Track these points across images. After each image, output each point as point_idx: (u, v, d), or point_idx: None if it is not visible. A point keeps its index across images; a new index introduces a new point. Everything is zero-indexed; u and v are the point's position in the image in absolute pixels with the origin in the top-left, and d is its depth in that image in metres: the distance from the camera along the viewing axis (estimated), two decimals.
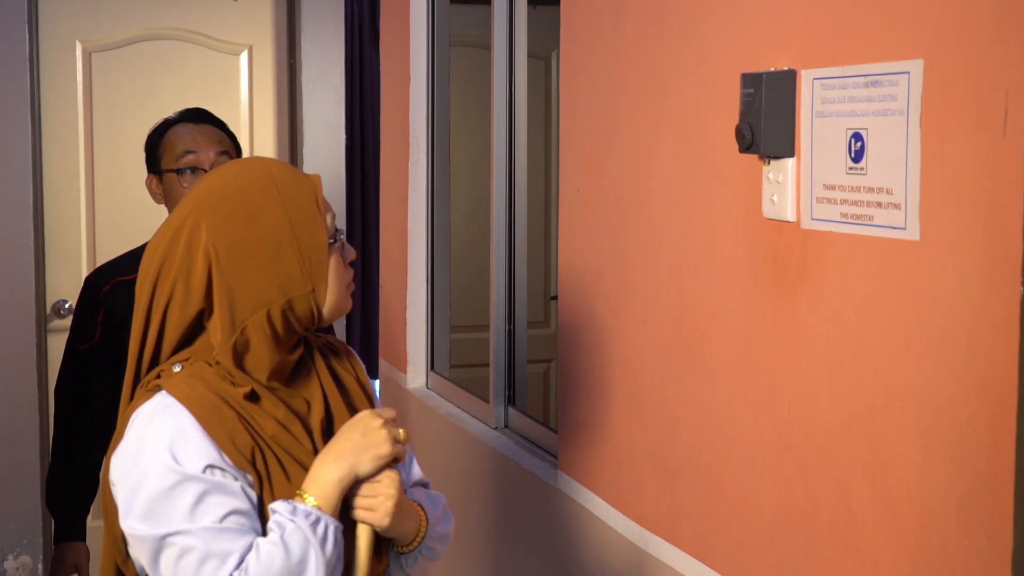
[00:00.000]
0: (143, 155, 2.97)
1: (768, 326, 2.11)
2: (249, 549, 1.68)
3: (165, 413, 1.72)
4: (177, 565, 1.67)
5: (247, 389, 1.76)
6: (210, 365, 1.77)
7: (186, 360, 1.79)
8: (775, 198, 2.06)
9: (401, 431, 1.82)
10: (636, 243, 2.59)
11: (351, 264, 1.87)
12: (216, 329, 1.76)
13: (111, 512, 1.76)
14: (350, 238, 5.10)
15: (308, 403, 1.84)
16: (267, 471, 1.75)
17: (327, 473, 1.75)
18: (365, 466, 1.77)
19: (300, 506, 1.71)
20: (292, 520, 1.70)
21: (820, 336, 1.97)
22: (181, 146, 2.86)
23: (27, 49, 4.47)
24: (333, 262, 1.82)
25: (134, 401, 1.78)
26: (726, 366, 2.25)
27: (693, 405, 2.37)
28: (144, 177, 2.92)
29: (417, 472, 2.04)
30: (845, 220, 1.90)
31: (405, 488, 1.92)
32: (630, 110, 2.60)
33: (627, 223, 2.63)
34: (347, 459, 1.76)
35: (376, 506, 1.79)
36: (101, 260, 4.64)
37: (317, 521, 1.71)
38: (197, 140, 2.87)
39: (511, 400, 3.62)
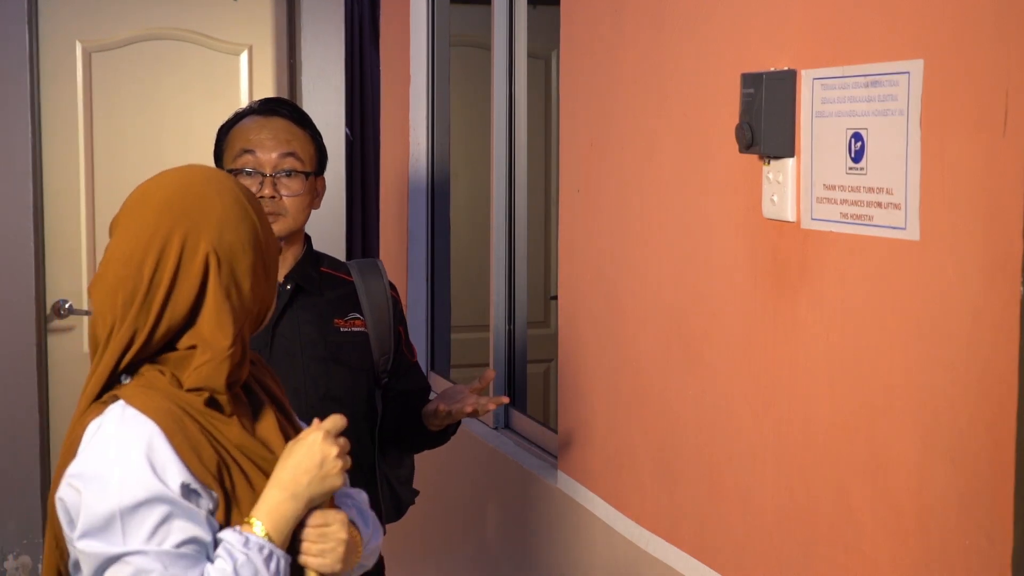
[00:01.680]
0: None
1: (768, 326, 2.11)
2: None
3: (133, 423, 1.63)
4: None
5: (206, 395, 1.66)
6: (162, 373, 1.67)
7: (136, 373, 1.69)
8: (775, 198, 2.06)
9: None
10: (636, 243, 2.59)
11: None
12: (215, 339, 1.67)
13: (56, 524, 1.68)
14: (350, 238, 5.10)
15: (257, 413, 1.77)
16: (232, 486, 1.67)
17: (284, 507, 1.68)
18: (318, 500, 1.71)
19: (252, 538, 1.64)
20: (245, 552, 1.62)
21: (820, 336, 1.97)
22: (240, 144, 2.52)
23: (27, 49, 4.47)
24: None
25: (86, 414, 1.69)
26: (726, 366, 2.24)
27: (693, 405, 2.37)
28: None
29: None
30: (845, 220, 1.90)
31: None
32: (630, 110, 2.60)
33: (627, 223, 2.63)
34: (304, 495, 1.69)
35: (327, 552, 1.73)
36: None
37: (270, 556, 1.64)
38: (260, 137, 2.51)
39: (511, 400, 3.62)
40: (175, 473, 1.61)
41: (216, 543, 1.64)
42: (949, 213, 1.70)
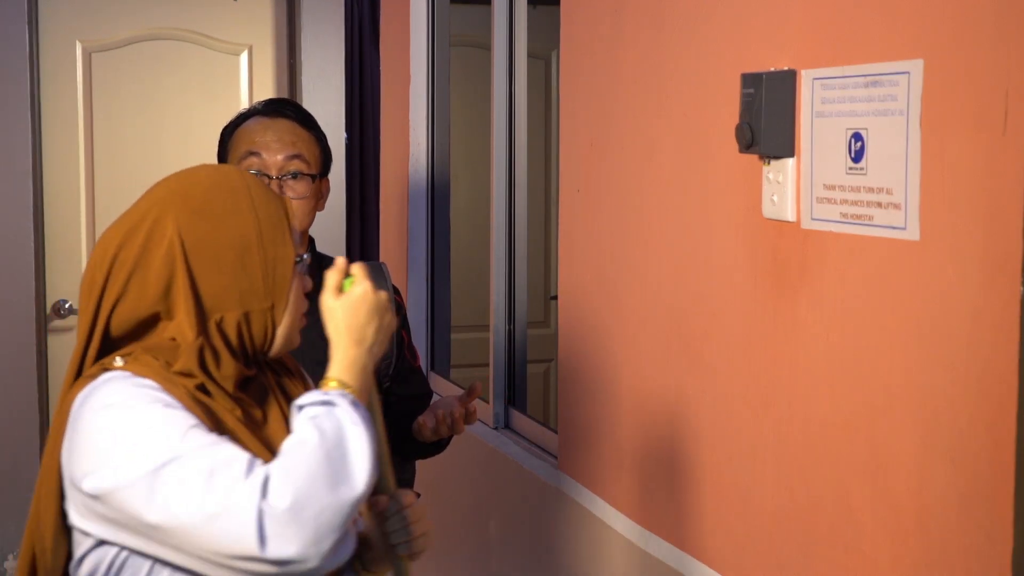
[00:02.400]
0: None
1: (768, 326, 2.11)
2: (255, 458, 1.50)
3: (132, 380, 1.57)
4: (181, 494, 1.45)
5: (198, 381, 1.59)
6: (155, 359, 1.60)
7: (128, 355, 1.61)
8: (775, 198, 2.06)
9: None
10: (636, 243, 2.59)
11: (307, 296, 1.72)
12: (182, 330, 1.61)
13: (49, 501, 1.65)
14: (350, 238, 5.10)
15: (265, 416, 1.68)
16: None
17: (360, 361, 1.63)
18: (381, 348, 1.66)
19: (333, 392, 1.58)
20: (325, 403, 1.55)
21: (820, 336, 1.97)
22: (246, 146, 2.46)
23: (27, 49, 4.47)
24: (295, 285, 1.69)
25: (75, 387, 1.61)
26: (726, 366, 2.24)
27: (693, 405, 2.37)
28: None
29: None
30: (845, 220, 1.90)
31: None
32: (630, 110, 2.60)
33: (627, 223, 2.63)
34: (372, 342, 1.64)
35: (423, 537, 1.74)
36: None
37: (355, 404, 1.57)
38: (266, 139, 2.46)
39: (511, 400, 3.62)
40: (185, 414, 1.54)
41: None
42: (949, 213, 1.70)
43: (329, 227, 4.59)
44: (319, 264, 2.63)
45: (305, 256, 1.74)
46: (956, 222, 1.68)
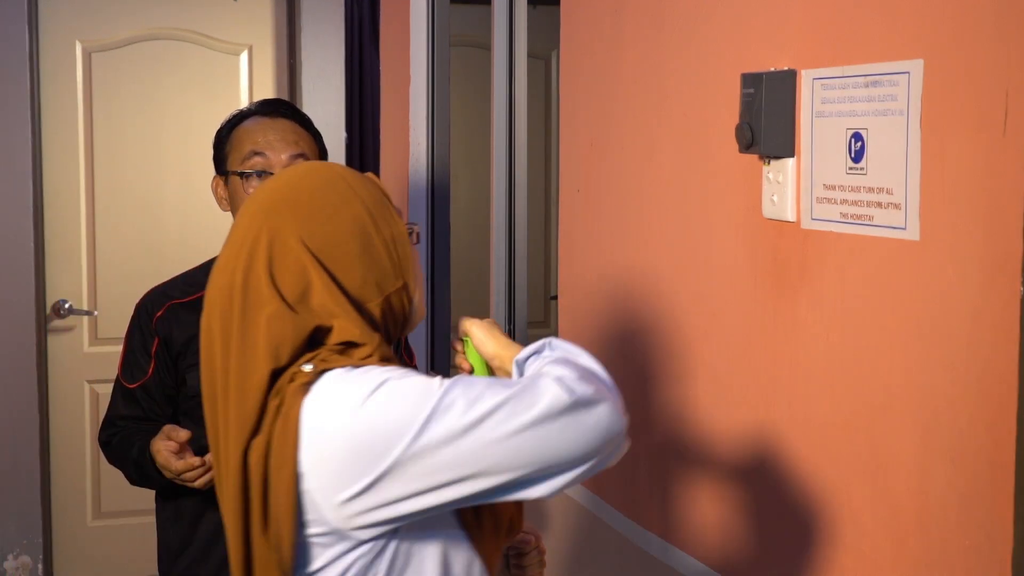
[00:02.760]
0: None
1: (768, 326, 2.11)
2: None
3: (349, 371, 1.51)
4: (489, 399, 1.44)
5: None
6: (340, 355, 1.55)
7: (313, 358, 1.54)
8: (775, 198, 2.06)
9: None
10: (636, 243, 2.59)
11: None
12: (348, 330, 1.55)
13: (283, 514, 1.49)
14: None
15: None
16: None
17: (512, 353, 1.67)
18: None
19: (536, 345, 1.63)
20: (538, 350, 1.61)
21: (820, 336, 1.97)
22: (249, 145, 2.46)
23: (27, 49, 4.47)
24: (414, 257, 1.68)
25: (289, 400, 1.50)
26: (726, 366, 2.24)
27: (693, 405, 2.37)
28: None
29: None
30: (845, 220, 1.90)
31: None
32: (630, 110, 2.60)
33: (627, 223, 2.63)
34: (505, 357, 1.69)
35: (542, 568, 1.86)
36: (101, 260, 4.64)
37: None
38: (269, 139, 2.46)
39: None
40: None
41: None
42: (949, 213, 1.70)
43: None
44: None
45: (414, 225, 1.74)
46: (956, 222, 1.68)
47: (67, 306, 4.63)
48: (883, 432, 1.83)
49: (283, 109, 2.55)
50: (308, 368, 1.52)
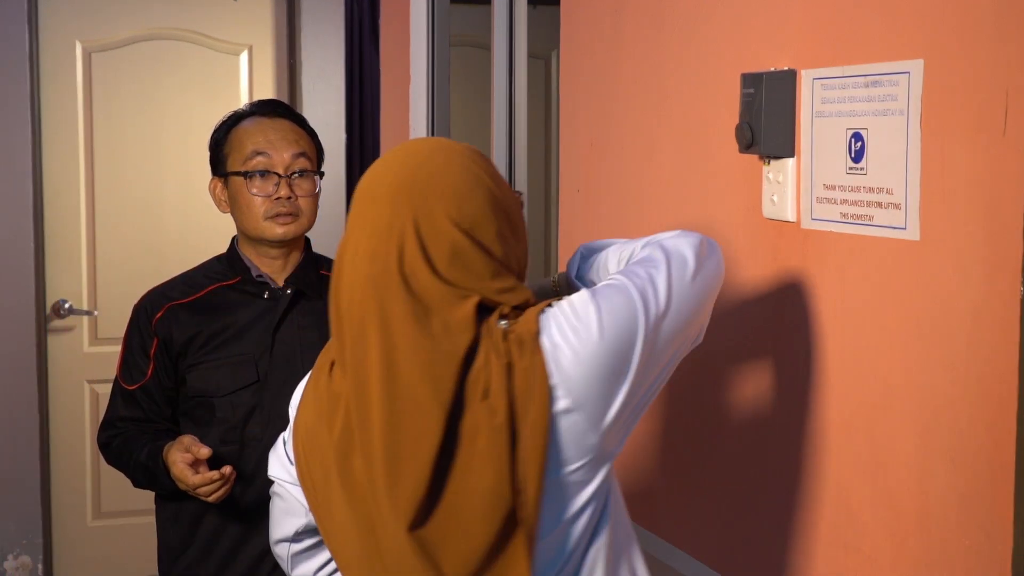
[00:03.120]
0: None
1: (768, 326, 2.11)
2: None
3: (559, 304, 1.61)
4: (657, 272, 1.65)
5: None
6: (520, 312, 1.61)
7: (506, 316, 1.59)
8: (775, 198, 2.06)
9: None
10: None
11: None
12: (518, 292, 1.62)
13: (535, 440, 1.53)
14: None
15: None
16: None
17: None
18: None
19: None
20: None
21: (820, 336, 1.97)
22: (251, 145, 2.47)
23: (27, 49, 4.47)
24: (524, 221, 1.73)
25: (525, 345, 1.54)
26: (726, 366, 2.24)
27: (693, 405, 2.37)
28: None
29: None
30: (845, 220, 1.90)
31: None
32: (630, 110, 2.60)
33: (627, 223, 2.63)
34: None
35: None
36: (101, 260, 4.64)
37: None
38: (270, 139, 2.48)
39: None
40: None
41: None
42: (949, 213, 1.70)
43: (328, 227, 4.59)
44: (316, 265, 2.63)
45: (519, 192, 1.79)
46: (956, 222, 1.68)
47: (67, 306, 4.63)
48: (883, 432, 1.83)
49: (280, 109, 2.57)
50: (503, 324, 1.57)
